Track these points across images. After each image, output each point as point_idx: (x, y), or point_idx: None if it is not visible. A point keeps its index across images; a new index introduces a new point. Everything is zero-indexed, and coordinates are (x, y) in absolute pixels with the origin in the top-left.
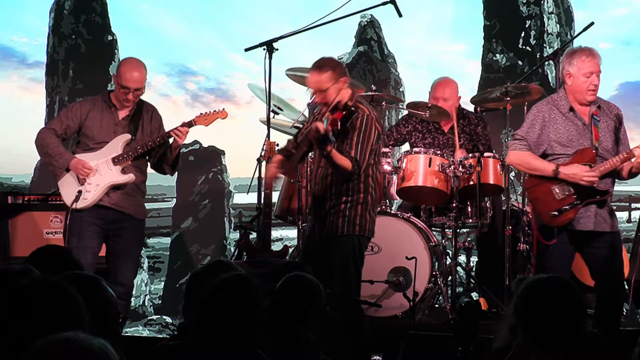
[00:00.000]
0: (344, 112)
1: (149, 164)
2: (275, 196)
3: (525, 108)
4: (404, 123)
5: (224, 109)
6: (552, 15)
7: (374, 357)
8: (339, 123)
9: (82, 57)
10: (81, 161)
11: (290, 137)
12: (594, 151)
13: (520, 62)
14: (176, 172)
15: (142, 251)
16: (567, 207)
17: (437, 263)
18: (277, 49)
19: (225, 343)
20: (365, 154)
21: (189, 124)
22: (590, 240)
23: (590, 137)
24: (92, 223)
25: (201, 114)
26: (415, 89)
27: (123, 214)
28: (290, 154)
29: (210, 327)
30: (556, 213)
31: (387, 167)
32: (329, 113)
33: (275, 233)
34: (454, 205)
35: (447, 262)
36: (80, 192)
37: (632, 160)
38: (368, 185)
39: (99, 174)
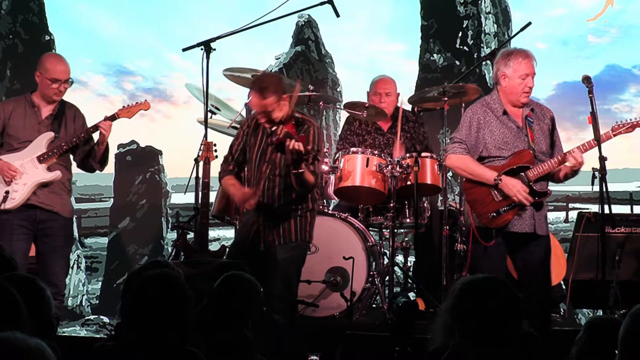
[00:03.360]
0: (293, 124)
1: (74, 162)
2: (212, 196)
3: (462, 108)
4: (349, 133)
5: (146, 100)
6: (490, 15)
7: (311, 357)
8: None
9: (20, 57)
10: (6, 163)
11: (226, 154)
12: (531, 152)
13: (457, 62)
14: (113, 172)
15: (80, 251)
16: (506, 208)
17: (374, 263)
18: (214, 49)
19: (155, 342)
20: (319, 166)
21: (112, 118)
22: (524, 242)
23: (525, 139)
24: (21, 225)
25: (123, 106)
26: (353, 89)
27: (51, 213)
28: (237, 175)
29: (137, 326)
30: (494, 214)
31: (325, 167)
32: (282, 127)
33: (213, 233)
34: (392, 205)
35: (385, 262)
36: (7, 192)
37: (567, 164)
38: (314, 193)
39: (25, 174)
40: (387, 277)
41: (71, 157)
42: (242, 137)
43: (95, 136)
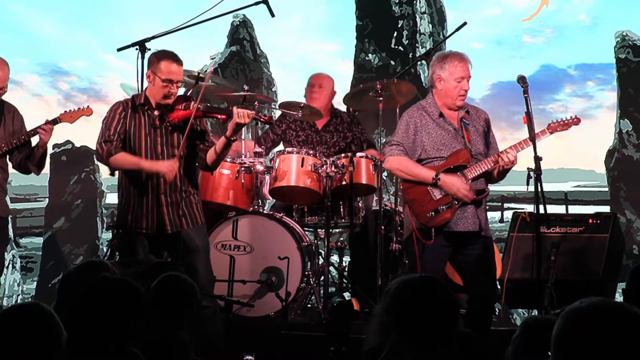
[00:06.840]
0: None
1: (10, 163)
2: None
3: (397, 109)
4: (278, 124)
5: (89, 107)
6: (425, 15)
7: (246, 357)
8: None
9: None
10: None
11: None
12: (469, 152)
13: (392, 62)
14: (48, 172)
15: (15, 251)
16: (444, 207)
17: (309, 263)
18: (149, 49)
19: (99, 344)
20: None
21: (54, 122)
22: (467, 241)
23: (462, 140)
24: None
25: (65, 111)
26: (288, 88)
27: None
28: None
29: (84, 330)
30: (433, 213)
31: (260, 167)
32: (194, 104)
33: None
34: (327, 205)
35: (320, 262)
36: None
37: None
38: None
39: None
40: (322, 277)
41: (7, 157)
42: (119, 120)
43: (35, 139)
